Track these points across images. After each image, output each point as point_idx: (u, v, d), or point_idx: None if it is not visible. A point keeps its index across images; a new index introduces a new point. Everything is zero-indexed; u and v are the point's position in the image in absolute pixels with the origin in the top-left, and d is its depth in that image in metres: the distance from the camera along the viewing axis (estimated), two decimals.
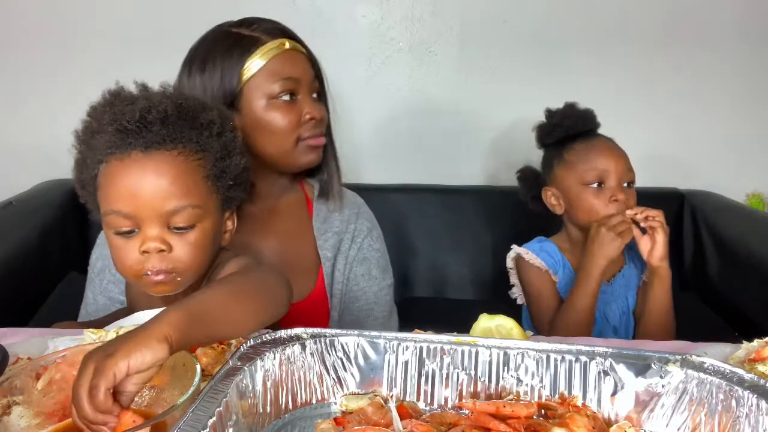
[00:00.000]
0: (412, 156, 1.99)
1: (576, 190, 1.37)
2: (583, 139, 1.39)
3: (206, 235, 0.86)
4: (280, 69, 1.07)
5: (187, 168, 0.84)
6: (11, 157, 1.94)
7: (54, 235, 1.65)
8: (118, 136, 0.82)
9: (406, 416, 0.67)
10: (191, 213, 0.83)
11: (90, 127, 0.86)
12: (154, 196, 0.81)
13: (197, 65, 1.08)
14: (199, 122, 0.86)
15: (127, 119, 0.82)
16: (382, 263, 1.25)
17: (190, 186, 0.84)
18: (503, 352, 0.70)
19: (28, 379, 0.66)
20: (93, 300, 1.11)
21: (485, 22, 1.89)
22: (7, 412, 0.63)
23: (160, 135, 0.82)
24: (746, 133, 1.98)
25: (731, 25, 1.90)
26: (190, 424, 0.54)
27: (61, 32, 1.87)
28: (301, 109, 1.09)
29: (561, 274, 1.43)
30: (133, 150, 0.82)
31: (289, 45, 1.10)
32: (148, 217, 0.81)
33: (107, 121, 0.83)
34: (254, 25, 1.10)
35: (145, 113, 0.82)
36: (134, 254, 0.83)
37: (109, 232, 0.85)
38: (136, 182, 0.81)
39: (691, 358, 0.66)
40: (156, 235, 0.82)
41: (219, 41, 1.09)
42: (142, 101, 0.84)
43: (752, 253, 1.54)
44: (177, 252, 0.83)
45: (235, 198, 0.93)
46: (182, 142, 0.84)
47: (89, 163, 0.85)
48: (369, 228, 1.25)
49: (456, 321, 0.87)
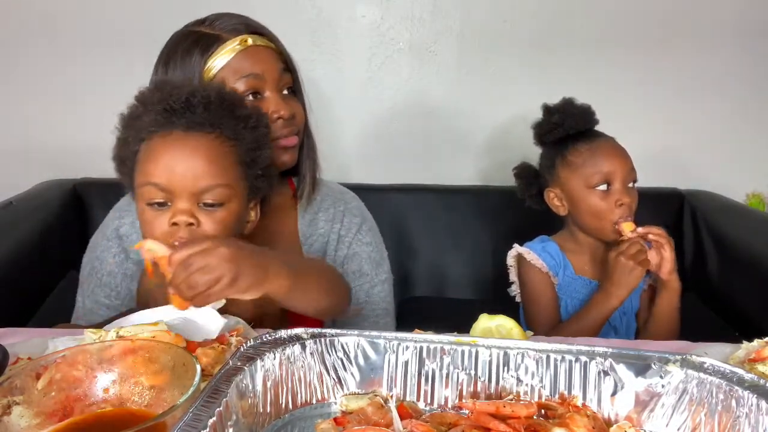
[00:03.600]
0: (413, 156, 1.99)
1: (581, 194, 1.35)
2: (586, 139, 1.37)
3: (232, 215, 0.91)
4: (241, 67, 1.04)
5: (223, 151, 0.89)
6: (11, 157, 1.94)
7: (54, 235, 1.65)
8: (164, 115, 0.88)
9: (406, 416, 0.67)
10: (221, 192, 0.88)
11: (135, 110, 0.92)
12: (189, 173, 0.87)
13: (161, 67, 1.07)
14: (236, 113, 0.93)
15: (173, 100, 0.88)
16: (374, 257, 1.22)
17: (224, 167, 0.89)
18: (503, 352, 0.70)
19: (28, 379, 0.66)
20: (82, 304, 1.12)
21: (485, 22, 1.89)
22: (7, 412, 0.63)
23: (202, 117, 0.88)
24: (746, 133, 1.98)
25: (731, 25, 1.90)
26: (190, 424, 0.54)
27: (62, 33, 1.87)
28: (267, 108, 1.05)
29: (561, 275, 1.42)
30: (175, 128, 0.88)
31: (252, 41, 1.05)
32: (181, 191, 0.87)
33: (155, 101, 0.89)
34: (217, 21, 1.07)
35: (190, 96, 0.89)
36: (164, 226, 0.88)
37: (142, 205, 0.90)
38: (175, 158, 0.87)
39: (691, 358, 0.66)
40: (186, 208, 0.87)
41: (180, 41, 1.07)
42: (187, 87, 0.93)
43: (752, 253, 1.54)
44: (204, 227, 0.88)
45: (261, 188, 0.97)
46: (220, 127, 0.90)
47: (131, 141, 0.91)
48: (359, 223, 1.21)
49: (456, 321, 0.87)
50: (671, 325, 1.34)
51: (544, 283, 1.41)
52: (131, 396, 0.69)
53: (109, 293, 1.09)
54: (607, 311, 1.30)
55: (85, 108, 1.91)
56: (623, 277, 1.28)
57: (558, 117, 1.38)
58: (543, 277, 1.41)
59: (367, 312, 1.19)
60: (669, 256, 1.30)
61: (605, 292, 1.31)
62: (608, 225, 1.33)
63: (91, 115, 1.88)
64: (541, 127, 1.42)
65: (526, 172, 1.50)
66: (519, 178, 1.51)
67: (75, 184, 1.82)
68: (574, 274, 1.43)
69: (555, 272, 1.42)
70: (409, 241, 1.87)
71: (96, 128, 1.81)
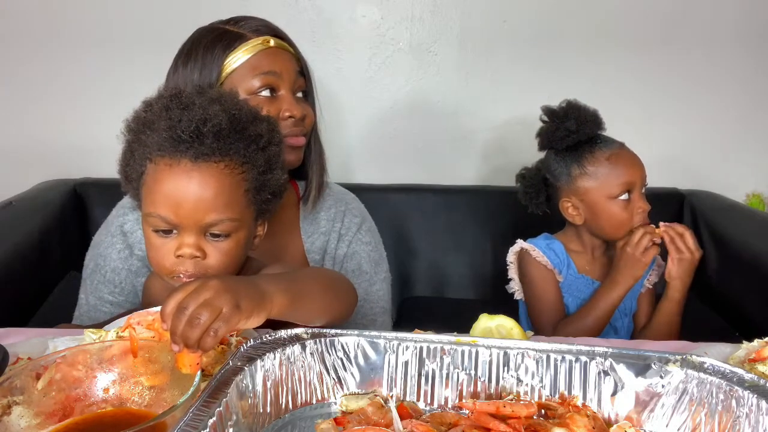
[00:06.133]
0: (412, 156, 1.99)
1: (603, 205, 1.34)
2: (603, 147, 1.34)
3: (239, 245, 0.89)
4: (261, 64, 1.07)
5: (231, 182, 0.86)
6: (11, 157, 1.94)
7: (54, 235, 1.65)
8: (171, 142, 0.84)
9: (406, 416, 0.67)
10: (229, 225, 0.86)
11: (143, 121, 0.87)
12: (197, 207, 0.84)
13: (182, 60, 1.08)
14: (248, 134, 0.88)
15: (183, 128, 0.83)
16: (373, 256, 1.23)
17: (232, 199, 0.86)
18: (503, 352, 0.70)
19: (28, 379, 0.66)
20: (85, 301, 1.12)
21: (485, 22, 1.89)
22: (7, 412, 0.63)
23: (211, 148, 0.84)
24: (746, 133, 1.98)
25: (731, 25, 1.90)
26: (190, 424, 0.54)
27: (62, 33, 1.87)
28: (280, 106, 1.08)
29: (565, 273, 1.42)
30: (183, 158, 0.84)
31: (274, 42, 1.09)
32: (188, 225, 0.84)
33: (163, 126, 0.84)
34: (242, 22, 1.10)
35: (200, 125, 0.84)
36: (170, 256, 0.86)
37: (148, 229, 0.88)
38: (182, 191, 0.84)
39: (691, 358, 0.67)
40: (192, 242, 0.85)
41: (204, 36, 1.09)
42: (198, 110, 0.85)
43: (752, 253, 1.54)
44: (210, 259, 0.86)
45: (269, 210, 0.95)
46: (230, 155, 0.86)
47: (137, 157, 0.87)
48: (359, 223, 1.23)
49: (456, 321, 0.87)
50: (669, 333, 1.34)
51: (548, 280, 1.40)
52: (131, 396, 0.70)
53: (113, 290, 1.10)
54: (613, 300, 1.31)
55: (85, 108, 1.91)
56: (628, 267, 1.30)
57: (573, 123, 1.34)
58: (548, 274, 1.40)
59: (365, 310, 1.20)
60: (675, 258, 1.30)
61: (611, 281, 1.32)
62: (626, 231, 1.33)
63: (91, 115, 1.89)
64: (552, 134, 1.37)
65: (533, 179, 1.45)
66: (525, 186, 1.47)
67: (75, 184, 1.82)
68: (577, 273, 1.42)
69: (559, 270, 1.41)
70: (408, 241, 1.87)
71: (96, 128, 1.83)
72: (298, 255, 1.18)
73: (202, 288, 0.66)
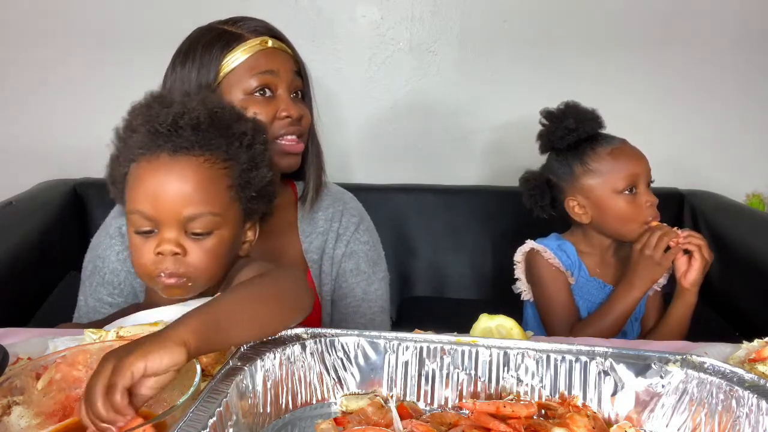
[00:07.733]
0: (413, 156, 1.99)
1: (609, 200, 1.32)
2: (603, 143, 1.34)
3: (223, 243, 0.87)
4: (258, 64, 1.07)
5: (212, 175, 0.85)
6: (11, 157, 1.94)
7: (54, 235, 1.65)
8: (149, 137, 0.84)
9: (406, 416, 0.67)
10: (210, 220, 0.84)
11: (128, 126, 0.88)
12: (175, 200, 0.83)
13: (180, 60, 1.08)
14: (231, 132, 0.88)
15: (160, 122, 0.83)
16: (372, 255, 1.23)
17: (212, 193, 0.85)
18: (503, 352, 0.70)
19: (28, 379, 0.66)
20: (84, 303, 1.12)
21: (485, 22, 1.89)
22: (7, 412, 0.63)
23: (190, 141, 0.83)
24: (746, 133, 1.98)
25: (731, 26, 1.90)
26: (190, 424, 0.54)
27: (62, 32, 1.87)
28: (277, 106, 1.08)
29: (576, 275, 1.39)
30: (161, 152, 0.83)
31: (272, 43, 1.09)
32: (167, 220, 0.83)
33: (141, 122, 0.85)
34: (240, 22, 1.10)
35: (177, 118, 0.84)
36: (149, 255, 0.84)
37: (131, 231, 0.86)
38: (160, 184, 0.83)
39: (691, 358, 0.67)
40: (172, 238, 0.83)
41: (202, 36, 1.09)
42: (177, 106, 0.86)
43: (752, 253, 1.54)
44: (191, 257, 0.84)
45: (257, 210, 0.94)
46: (210, 149, 0.85)
47: (121, 161, 0.87)
48: (357, 222, 1.23)
49: (456, 321, 0.87)
50: (679, 336, 1.31)
51: (561, 282, 1.37)
52: None
53: (112, 291, 1.10)
54: (630, 303, 1.28)
55: (85, 108, 1.91)
56: (647, 269, 1.27)
57: (572, 122, 1.33)
58: (560, 276, 1.37)
59: (363, 310, 1.20)
60: (697, 267, 1.28)
61: (628, 283, 1.29)
62: (637, 227, 1.31)
63: (91, 115, 1.89)
64: (552, 134, 1.36)
65: (536, 181, 1.43)
66: (529, 189, 1.44)
67: (75, 184, 1.82)
68: (588, 276, 1.40)
69: (571, 272, 1.39)
70: (408, 241, 1.87)
71: (96, 128, 1.81)
72: (296, 255, 1.18)
73: (94, 374, 0.60)
